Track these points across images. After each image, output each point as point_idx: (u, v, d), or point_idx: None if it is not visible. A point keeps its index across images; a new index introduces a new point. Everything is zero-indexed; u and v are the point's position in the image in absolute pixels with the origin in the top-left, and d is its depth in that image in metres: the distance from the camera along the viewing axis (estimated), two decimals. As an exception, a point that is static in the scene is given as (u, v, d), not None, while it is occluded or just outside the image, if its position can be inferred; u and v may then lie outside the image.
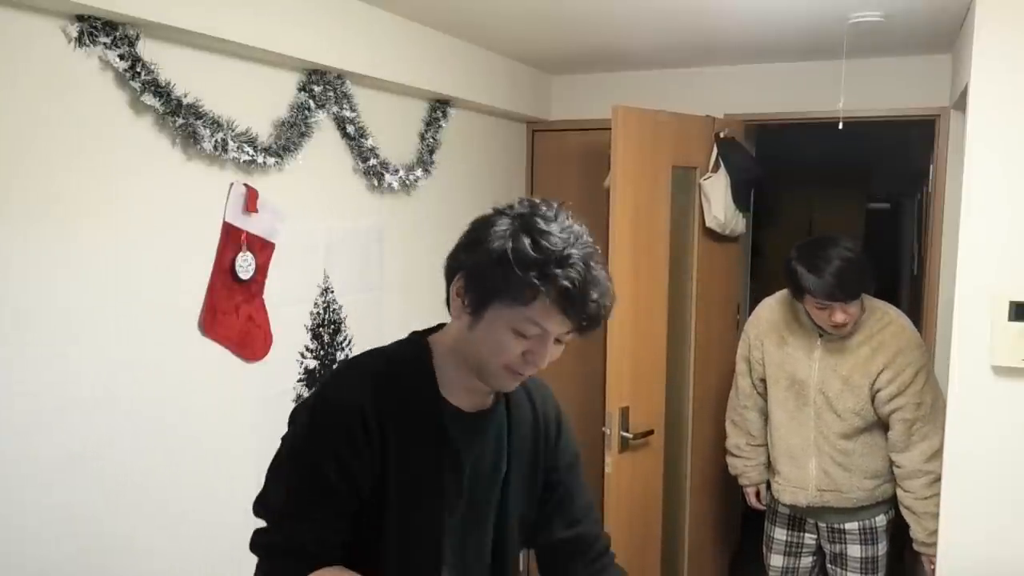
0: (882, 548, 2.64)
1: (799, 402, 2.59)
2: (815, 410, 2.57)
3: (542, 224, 1.18)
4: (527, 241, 1.16)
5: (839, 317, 2.42)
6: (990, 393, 2.12)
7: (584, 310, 1.18)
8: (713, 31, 2.72)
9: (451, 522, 1.31)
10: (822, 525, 2.69)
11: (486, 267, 1.18)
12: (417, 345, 1.33)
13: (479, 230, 1.22)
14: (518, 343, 1.20)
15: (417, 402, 1.28)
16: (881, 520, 2.62)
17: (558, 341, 1.24)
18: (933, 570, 2.35)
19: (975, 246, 2.12)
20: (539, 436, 1.42)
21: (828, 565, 2.74)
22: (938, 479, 2.33)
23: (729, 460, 2.92)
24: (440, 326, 1.38)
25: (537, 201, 1.24)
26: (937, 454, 2.38)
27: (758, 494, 2.87)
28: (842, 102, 2.62)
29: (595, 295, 1.18)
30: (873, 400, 2.50)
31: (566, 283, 1.15)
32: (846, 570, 2.66)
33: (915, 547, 2.52)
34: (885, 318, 2.54)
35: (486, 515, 1.38)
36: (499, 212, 1.24)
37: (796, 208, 5.68)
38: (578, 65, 3.39)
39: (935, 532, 2.33)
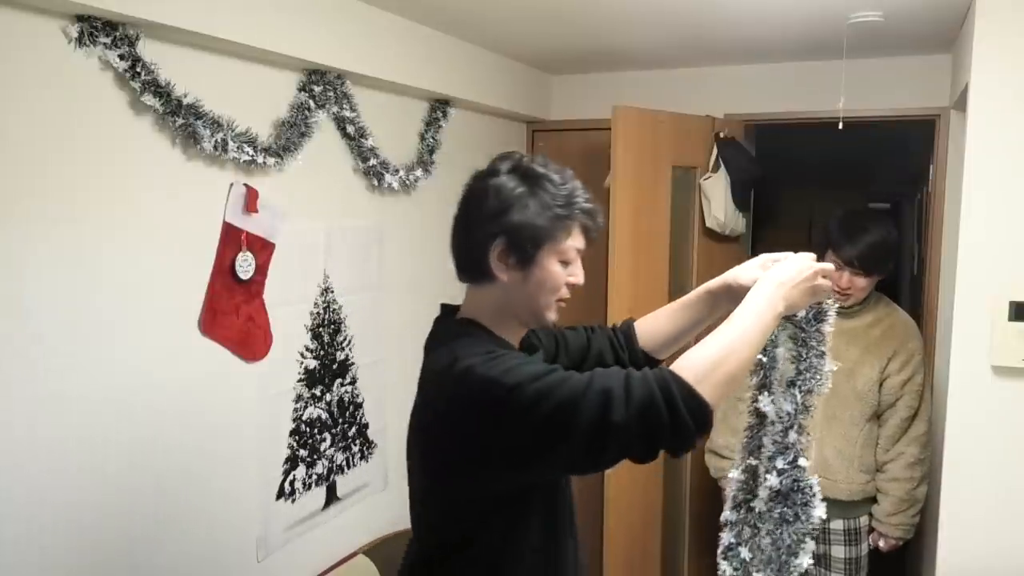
0: (864, 548, 2.66)
1: None
2: None
3: (538, 168, 1.36)
4: (544, 187, 1.33)
5: (844, 282, 2.52)
6: (990, 393, 2.12)
7: (598, 220, 1.40)
8: (713, 31, 2.72)
9: None
10: None
11: (525, 223, 1.31)
12: (474, 324, 1.39)
13: (493, 197, 1.33)
14: (564, 272, 1.37)
15: None
16: (864, 520, 2.64)
17: None
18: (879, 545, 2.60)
19: (975, 246, 2.12)
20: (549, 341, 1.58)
21: (810, 567, 2.74)
22: (917, 462, 2.52)
23: (713, 461, 2.85)
24: (453, 308, 1.45)
25: (506, 155, 1.40)
26: (918, 439, 2.55)
27: None
28: (842, 102, 2.62)
29: (597, 206, 1.41)
30: (881, 385, 2.55)
31: (587, 204, 1.37)
32: (830, 571, 2.67)
33: (874, 523, 2.62)
34: (891, 306, 2.66)
35: None
36: (491, 174, 1.37)
37: (796, 208, 5.67)
38: (578, 65, 3.38)
39: (893, 514, 2.53)
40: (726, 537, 1.52)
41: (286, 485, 2.27)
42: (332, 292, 2.42)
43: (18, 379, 1.58)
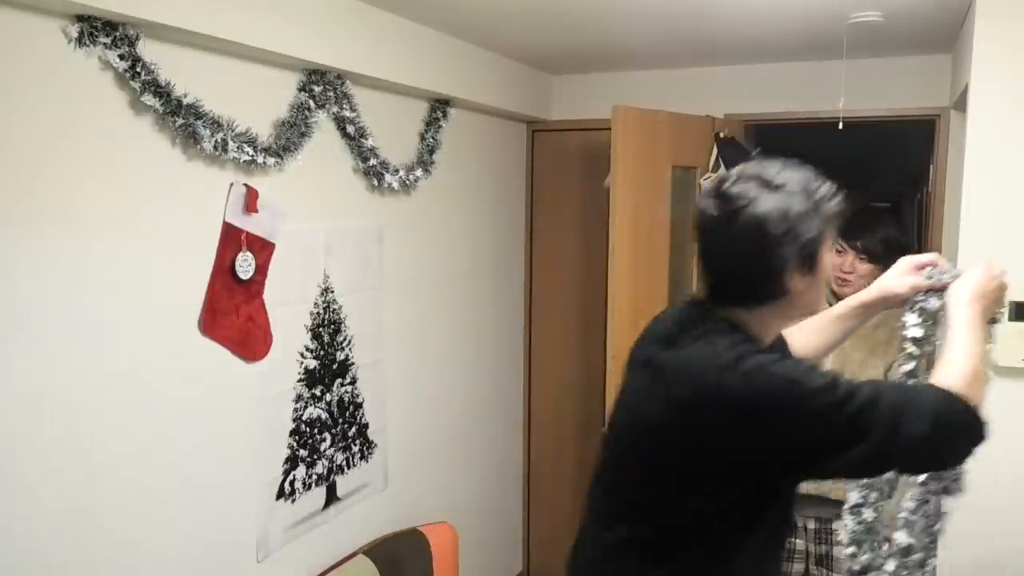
0: None
1: None
2: None
3: (779, 177, 1.36)
4: (803, 192, 1.35)
5: (847, 265, 2.49)
6: (990, 393, 2.12)
7: (843, 208, 1.42)
8: (713, 31, 2.72)
9: None
10: (810, 526, 2.69)
11: (812, 236, 1.33)
12: (741, 328, 1.39)
13: (778, 221, 1.32)
14: (833, 259, 1.43)
15: None
16: None
17: None
18: None
19: (975, 246, 2.12)
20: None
21: (812, 567, 2.73)
22: None
23: None
24: (702, 301, 1.44)
25: (741, 175, 1.39)
26: None
27: None
28: (842, 102, 2.62)
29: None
30: None
31: (835, 194, 1.40)
32: (832, 571, 2.67)
33: None
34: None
35: None
36: (750, 201, 1.34)
37: (796, 208, 5.67)
38: (578, 65, 3.38)
39: None
40: (854, 496, 1.60)
41: (286, 485, 2.27)
42: (332, 292, 2.42)
43: (16, 379, 1.58)
